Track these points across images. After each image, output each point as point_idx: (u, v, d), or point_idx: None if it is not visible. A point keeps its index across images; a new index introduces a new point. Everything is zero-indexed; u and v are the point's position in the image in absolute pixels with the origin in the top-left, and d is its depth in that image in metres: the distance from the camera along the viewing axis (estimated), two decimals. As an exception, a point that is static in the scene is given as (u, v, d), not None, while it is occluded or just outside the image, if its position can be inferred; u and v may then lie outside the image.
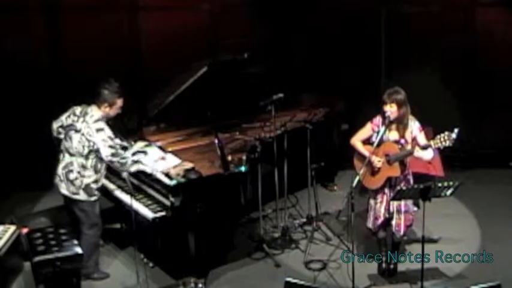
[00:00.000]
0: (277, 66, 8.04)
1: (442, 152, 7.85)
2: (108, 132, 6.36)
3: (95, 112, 6.40)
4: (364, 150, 6.46)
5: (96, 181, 6.46)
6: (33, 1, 8.65)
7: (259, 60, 7.49)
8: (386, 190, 6.47)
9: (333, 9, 8.99)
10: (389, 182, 6.45)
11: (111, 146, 6.32)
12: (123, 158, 6.35)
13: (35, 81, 8.45)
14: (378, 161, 6.36)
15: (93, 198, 6.49)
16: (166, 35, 8.93)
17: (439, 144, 6.09)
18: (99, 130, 6.32)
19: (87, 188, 6.42)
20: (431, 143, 6.15)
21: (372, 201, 6.60)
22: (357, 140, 6.55)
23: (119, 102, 6.44)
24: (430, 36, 8.99)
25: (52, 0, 8.72)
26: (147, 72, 9.01)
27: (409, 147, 6.35)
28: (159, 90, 7.41)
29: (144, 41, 9.04)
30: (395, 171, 6.39)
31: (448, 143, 6.07)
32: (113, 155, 6.31)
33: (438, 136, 6.12)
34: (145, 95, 8.06)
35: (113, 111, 6.46)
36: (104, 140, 6.30)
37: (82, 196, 6.44)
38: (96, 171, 6.44)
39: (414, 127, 6.41)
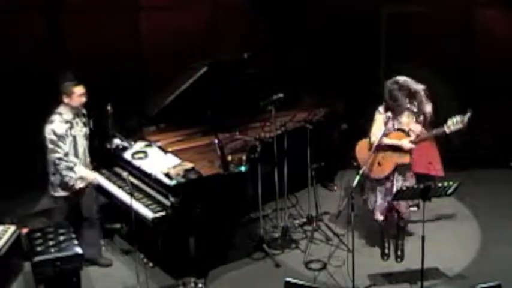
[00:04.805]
0: (277, 66, 8.02)
1: (442, 152, 7.89)
2: (55, 126, 6.38)
3: (59, 107, 6.49)
4: (393, 141, 6.49)
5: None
6: (33, 1, 8.65)
7: (259, 60, 7.49)
8: (393, 177, 6.57)
9: (333, 9, 8.99)
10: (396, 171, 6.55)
11: (52, 141, 6.37)
12: (61, 159, 6.40)
13: (35, 81, 8.44)
14: (407, 142, 6.42)
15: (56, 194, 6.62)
16: (167, 35, 8.93)
17: (452, 128, 6.17)
18: (49, 122, 6.44)
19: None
20: (445, 127, 6.20)
21: (380, 192, 6.67)
22: (377, 136, 6.48)
23: (76, 90, 6.43)
24: (430, 36, 8.98)
25: (52, 0, 8.72)
26: (147, 72, 9.01)
27: (412, 134, 6.45)
28: (159, 90, 7.42)
29: (144, 41, 9.04)
30: (405, 158, 6.48)
31: (461, 126, 6.17)
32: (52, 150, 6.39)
33: (450, 121, 6.16)
34: (145, 95, 8.07)
35: (74, 101, 6.45)
36: (48, 133, 6.38)
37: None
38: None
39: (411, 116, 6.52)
